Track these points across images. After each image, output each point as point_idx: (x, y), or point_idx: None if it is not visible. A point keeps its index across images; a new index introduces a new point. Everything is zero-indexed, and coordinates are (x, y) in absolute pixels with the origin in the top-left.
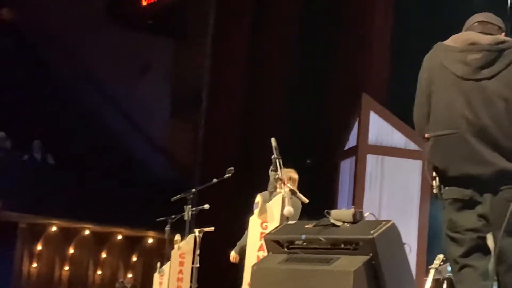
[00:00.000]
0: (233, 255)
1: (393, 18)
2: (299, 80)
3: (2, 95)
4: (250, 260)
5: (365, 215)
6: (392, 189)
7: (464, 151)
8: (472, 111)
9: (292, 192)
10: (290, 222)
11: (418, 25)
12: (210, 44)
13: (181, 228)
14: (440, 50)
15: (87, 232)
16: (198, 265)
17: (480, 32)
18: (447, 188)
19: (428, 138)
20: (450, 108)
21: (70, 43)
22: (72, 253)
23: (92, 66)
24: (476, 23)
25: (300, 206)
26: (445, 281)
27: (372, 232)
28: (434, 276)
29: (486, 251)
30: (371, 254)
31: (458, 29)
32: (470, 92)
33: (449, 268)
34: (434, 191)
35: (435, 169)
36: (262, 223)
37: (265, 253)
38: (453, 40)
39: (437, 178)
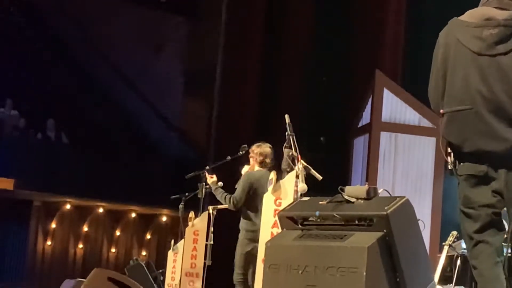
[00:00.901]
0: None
1: None
2: (313, 58)
3: (16, 74)
4: (264, 236)
5: (379, 191)
6: (405, 166)
7: (479, 127)
8: (487, 87)
9: (306, 168)
10: (304, 199)
11: (432, 4)
12: (224, 22)
13: (195, 206)
14: (456, 25)
15: (101, 210)
16: (212, 242)
17: (495, 7)
18: (462, 164)
19: (443, 114)
20: (465, 84)
21: (85, 21)
22: (86, 231)
23: (107, 44)
24: None
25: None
26: (459, 258)
27: (386, 208)
28: (447, 252)
29: (500, 227)
30: (385, 230)
31: (473, 6)
32: (485, 68)
33: (462, 245)
34: (449, 167)
35: (450, 145)
36: (276, 200)
37: (279, 230)
38: (469, 16)
39: (452, 154)
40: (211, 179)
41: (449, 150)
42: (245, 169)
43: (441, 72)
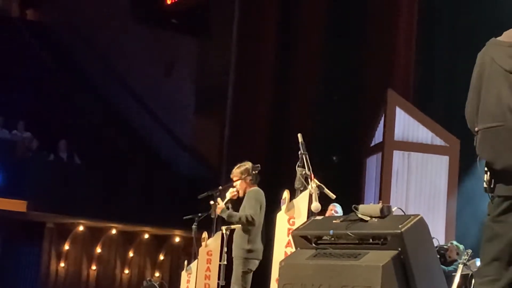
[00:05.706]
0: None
1: (418, 14)
2: (325, 78)
3: (28, 95)
4: (278, 256)
5: (393, 209)
6: (418, 185)
7: (510, 143)
8: None
9: (320, 187)
10: (317, 218)
11: (443, 22)
12: (235, 41)
13: (208, 226)
14: (492, 45)
15: (114, 231)
16: (225, 263)
17: None
18: (498, 184)
19: (478, 132)
20: (497, 101)
21: (96, 42)
22: (100, 253)
23: (118, 65)
24: None
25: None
26: (473, 276)
27: (400, 226)
28: (462, 271)
29: None
30: (399, 249)
31: (484, 26)
32: None
33: (477, 263)
34: (484, 185)
35: (485, 163)
36: (289, 219)
37: (293, 249)
38: (505, 36)
39: (488, 173)
40: (219, 209)
41: (485, 168)
42: (229, 193)
43: (476, 91)
